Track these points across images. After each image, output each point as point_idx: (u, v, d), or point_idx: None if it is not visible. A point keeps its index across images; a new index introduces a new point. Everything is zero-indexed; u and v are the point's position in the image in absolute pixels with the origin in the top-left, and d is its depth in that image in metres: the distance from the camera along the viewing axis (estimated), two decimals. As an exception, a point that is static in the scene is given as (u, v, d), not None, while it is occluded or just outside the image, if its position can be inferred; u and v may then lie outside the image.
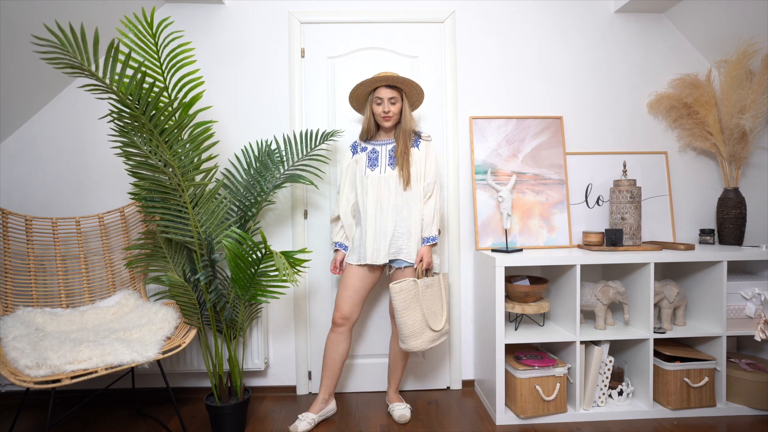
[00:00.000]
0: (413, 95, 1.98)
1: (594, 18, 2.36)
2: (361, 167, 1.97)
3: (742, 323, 2.04)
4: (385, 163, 1.94)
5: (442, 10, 2.30)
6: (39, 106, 2.20)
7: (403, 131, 1.93)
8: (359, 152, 2.01)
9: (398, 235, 1.90)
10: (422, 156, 1.95)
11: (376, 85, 1.90)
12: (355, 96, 1.99)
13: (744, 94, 2.11)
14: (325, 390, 2.00)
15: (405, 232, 1.90)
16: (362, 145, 2.01)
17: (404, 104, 1.93)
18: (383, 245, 1.88)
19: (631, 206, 2.10)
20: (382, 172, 1.93)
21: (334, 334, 1.97)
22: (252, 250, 1.62)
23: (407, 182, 1.89)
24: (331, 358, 1.97)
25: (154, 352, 1.62)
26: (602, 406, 2.03)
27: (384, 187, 1.91)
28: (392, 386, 2.12)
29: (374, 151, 1.97)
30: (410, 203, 1.91)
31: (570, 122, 2.36)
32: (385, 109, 1.90)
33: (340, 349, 1.97)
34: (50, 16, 1.82)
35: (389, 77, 1.87)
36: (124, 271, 2.09)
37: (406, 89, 1.93)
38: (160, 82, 1.73)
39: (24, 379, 1.41)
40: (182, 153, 1.65)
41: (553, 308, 2.20)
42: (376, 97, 1.91)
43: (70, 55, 1.29)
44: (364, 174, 1.95)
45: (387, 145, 1.97)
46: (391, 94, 1.90)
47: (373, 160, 1.95)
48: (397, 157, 1.90)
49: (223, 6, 2.26)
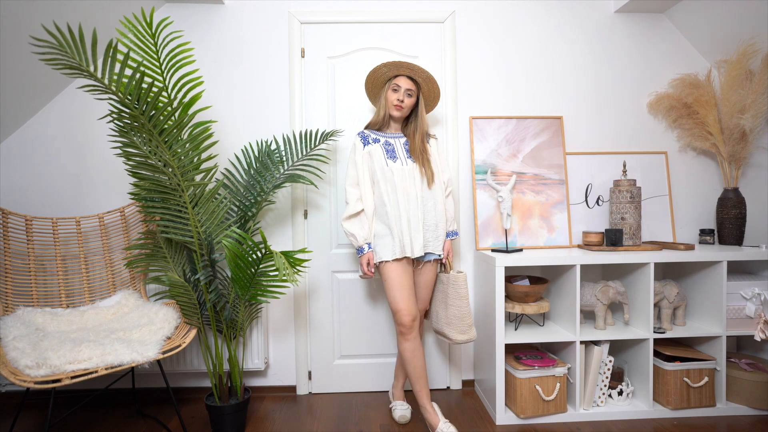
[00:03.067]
0: (429, 96, 1.97)
1: (594, 18, 2.36)
2: (379, 159, 1.86)
3: (742, 323, 2.04)
4: (404, 156, 1.89)
5: (442, 10, 2.30)
6: (39, 107, 2.20)
7: (419, 129, 1.90)
8: (371, 143, 1.90)
9: (427, 228, 1.88)
10: (435, 153, 1.95)
11: (399, 71, 1.88)
12: (373, 80, 1.96)
13: (744, 94, 2.11)
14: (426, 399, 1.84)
15: (433, 225, 1.88)
16: (372, 137, 1.92)
17: (420, 103, 1.92)
18: (418, 238, 1.84)
19: (631, 206, 2.10)
20: (404, 164, 1.87)
21: (410, 343, 1.81)
22: (252, 250, 1.62)
23: (431, 179, 1.87)
24: (420, 368, 1.83)
25: (154, 352, 1.62)
26: (602, 406, 2.03)
27: (409, 179, 1.86)
28: (399, 383, 2.10)
29: (388, 144, 1.90)
30: (435, 197, 1.89)
31: (570, 122, 2.36)
32: (399, 98, 1.87)
33: (420, 353, 1.83)
34: (49, 16, 1.82)
35: (413, 67, 1.85)
36: (124, 271, 2.09)
37: (424, 88, 1.92)
38: (159, 82, 1.72)
39: (24, 378, 1.41)
40: (182, 153, 1.65)
41: (553, 308, 2.20)
42: (394, 83, 1.89)
43: (69, 55, 1.29)
44: (385, 165, 1.86)
45: (399, 138, 1.94)
46: (410, 86, 1.88)
47: (391, 152, 1.88)
48: (414, 154, 1.88)
49: (223, 6, 2.26)
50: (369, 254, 1.85)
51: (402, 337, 1.82)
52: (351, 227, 1.87)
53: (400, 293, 1.80)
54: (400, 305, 1.80)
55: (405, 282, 1.82)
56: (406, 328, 1.80)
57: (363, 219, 1.87)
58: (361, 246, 1.85)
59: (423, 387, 1.84)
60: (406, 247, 1.82)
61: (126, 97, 1.42)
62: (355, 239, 1.85)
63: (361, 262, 1.86)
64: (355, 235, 1.85)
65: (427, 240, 1.88)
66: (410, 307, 1.80)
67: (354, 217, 1.88)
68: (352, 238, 1.86)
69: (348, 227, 1.87)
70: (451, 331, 1.89)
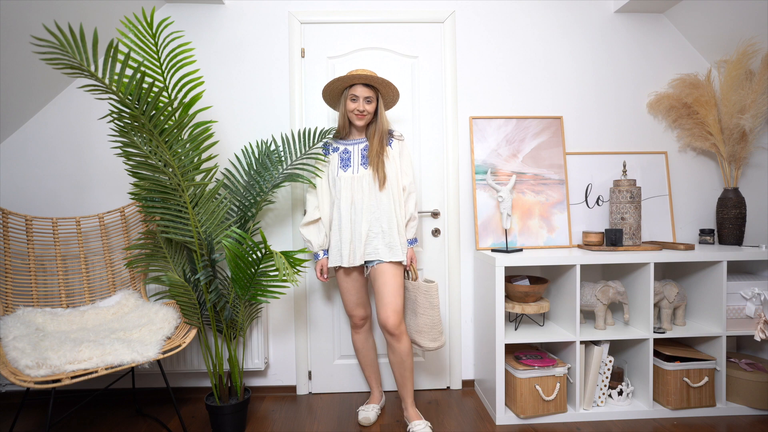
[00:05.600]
0: (389, 96, 1.93)
1: (594, 18, 2.36)
2: (333, 168, 1.93)
3: (742, 323, 2.04)
4: (358, 163, 1.90)
5: (442, 10, 2.30)
6: (39, 107, 2.20)
7: (378, 131, 1.88)
8: (331, 152, 1.96)
9: (372, 236, 1.87)
10: (396, 155, 1.92)
11: (352, 82, 1.86)
12: (329, 91, 1.93)
13: (744, 94, 2.11)
14: (376, 383, 2.12)
15: (379, 232, 1.87)
16: (334, 145, 1.97)
17: (379, 104, 1.89)
18: (359, 247, 1.86)
19: (631, 206, 2.10)
20: (354, 172, 1.89)
21: (358, 335, 2.05)
22: (252, 250, 1.62)
23: (383, 183, 1.86)
24: (366, 356, 2.08)
25: (154, 351, 1.62)
26: (602, 406, 2.03)
27: (357, 187, 1.87)
28: (408, 401, 1.93)
29: (346, 151, 1.93)
30: (384, 203, 1.87)
31: (570, 122, 2.36)
32: (359, 108, 1.85)
33: (369, 344, 2.08)
34: (49, 16, 1.82)
35: (366, 76, 1.82)
36: (125, 271, 2.09)
37: (381, 90, 1.89)
38: (159, 82, 1.73)
39: (24, 378, 1.41)
40: (182, 153, 1.65)
41: (553, 308, 2.21)
42: (351, 94, 1.86)
43: (70, 55, 1.29)
44: (336, 175, 1.91)
45: (359, 144, 1.93)
46: (367, 93, 1.86)
47: (345, 161, 1.91)
48: (370, 158, 1.86)
49: (223, 6, 2.26)
50: (323, 260, 1.96)
51: (354, 330, 2.06)
52: (308, 234, 1.97)
53: (348, 298, 1.99)
54: (348, 309, 2.02)
55: (351, 287, 1.97)
56: (356, 326, 2.04)
57: (320, 226, 1.96)
58: (316, 252, 1.97)
59: (372, 372, 2.11)
60: (344, 257, 1.87)
61: (126, 97, 1.42)
62: (311, 245, 1.96)
63: (315, 268, 1.98)
64: (311, 242, 1.96)
65: (374, 247, 1.86)
66: (356, 310, 2.00)
67: (312, 224, 1.97)
68: (308, 244, 1.96)
69: (305, 234, 1.97)
70: (422, 339, 1.92)
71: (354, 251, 1.87)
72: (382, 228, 1.87)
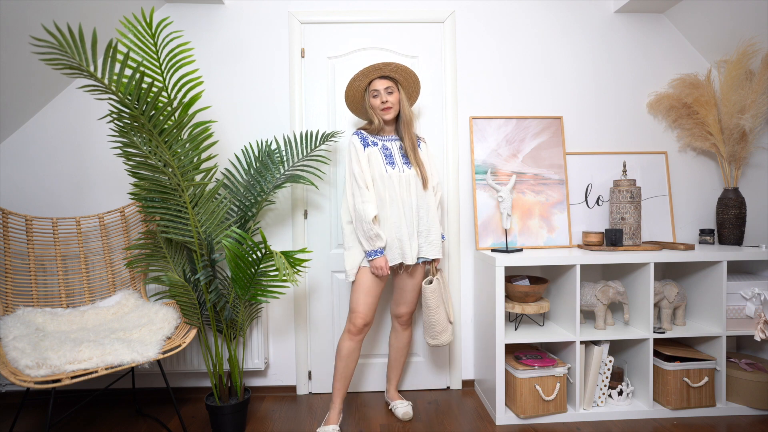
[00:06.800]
0: (409, 86, 1.95)
1: (594, 18, 2.36)
2: (378, 165, 1.84)
3: (742, 323, 2.04)
4: (401, 162, 1.88)
5: (442, 10, 2.30)
6: (38, 107, 2.20)
7: (405, 125, 1.90)
8: (370, 146, 1.87)
9: (420, 234, 1.89)
10: (425, 156, 1.96)
11: (370, 77, 1.87)
12: (351, 97, 1.96)
13: (744, 94, 2.11)
14: (341, 399, 1.92)
15: (425, 230, 1.90)
16: (371, 139, 1.89)
17: (401, 95, 1.90)
18: (414, 245, 1.85)
19: (630, 206, 2.10)
20: (401, 171, 1.86)
21: (352, 343, 1.87)
22: (252, 250, 1.62)
23: (426, 183, 1.89)
24: (349, 369, 1.89)
25: (154, 351, 1.62)
26: (602, 406, 2.03)
27: (405, 186, 1.86)
28: (393, 383, 2.13)
29: (386, 148, 1.89)
30: (429, 202, 1.90)
31: (570, 122, 2.36)
32: (382, 99, 1.86)
33: (355, 357, 1.90)
34: (49, 16, 1.82)
35: (382, 66, 1.84)
36: (124, 271, 2.09)
37: (401, 79, 1.90)
38: (159, 82, 1.72)
39: (24, 379, 1.41)
40: (182, 153, 1.65)
41: (553, 308, 2.20)
42: (372, 90, 1.88)
43: (69, 55, 1.29)
44: (384, 173, 1.84)
45: (394, 142, 1.93)
46: (386, 84, 1.87)
47: (390, 158, 1.87)
48: (410, 157, 1.88)
49: (223, 6, 2.26)
50: (383, 258, 1.81)
51: (348, 335, 1.88)
52: (379, 228, 1.80)
53: (365, 298, 1.85)
54: (360, 308, 1.85)
55: (374, 290, 1.87)
56: (356, 330, 1.86)
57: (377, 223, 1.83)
58: (381, 248, 1.80)
59: (342, 387, 1.90)
60: (406, 255, 1.84)
61: (126, 97, 1.42)
62: (381, 240, 1.79)
63: (379, 265, 1.80)
64: (381, 236, 1.79)
65: (420, 246, 1.89)
66: (367, 313, 1.86)
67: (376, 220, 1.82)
68: (377, 239, 1.78)
69: (376, 228, 1.78)
70: (425, 334, 2.03)
71: (412, 249, 1.85)
72: (428, 226, 1.90)
